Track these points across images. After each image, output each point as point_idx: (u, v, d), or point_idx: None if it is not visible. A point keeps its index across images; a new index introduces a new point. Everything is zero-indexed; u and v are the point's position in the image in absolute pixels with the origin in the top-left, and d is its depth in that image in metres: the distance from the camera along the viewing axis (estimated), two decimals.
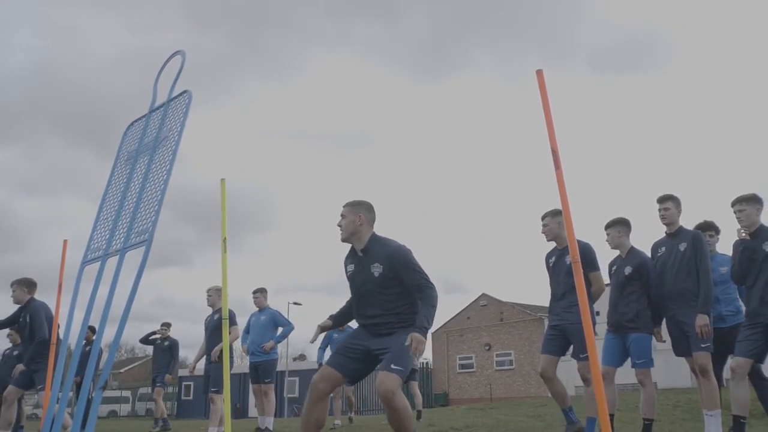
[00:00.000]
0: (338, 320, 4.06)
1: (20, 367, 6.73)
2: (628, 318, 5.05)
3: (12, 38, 74.68)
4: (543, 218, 5.25)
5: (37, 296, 6.79)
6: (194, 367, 8.16)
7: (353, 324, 4.02)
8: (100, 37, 69.57)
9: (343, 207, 3.83)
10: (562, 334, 5.03)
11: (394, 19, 68.76)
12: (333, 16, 67.99)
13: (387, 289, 3.65)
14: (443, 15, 65.95)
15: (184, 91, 2.92)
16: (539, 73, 3.40)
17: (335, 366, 3.69)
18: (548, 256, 5.35)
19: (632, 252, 5.23)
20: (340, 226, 3.80)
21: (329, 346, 9.92)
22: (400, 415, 3.40)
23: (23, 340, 6.81)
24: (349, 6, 69.43)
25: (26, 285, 6.71)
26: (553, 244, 5.32)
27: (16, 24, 73.09)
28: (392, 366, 3.44)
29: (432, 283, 3.61)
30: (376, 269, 3.65)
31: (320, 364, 10.24)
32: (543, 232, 5.27)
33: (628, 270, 5.16)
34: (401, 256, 3.65)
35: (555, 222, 5.16)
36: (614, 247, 5.31)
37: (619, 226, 5.30)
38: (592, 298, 4.94)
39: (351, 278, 3.83)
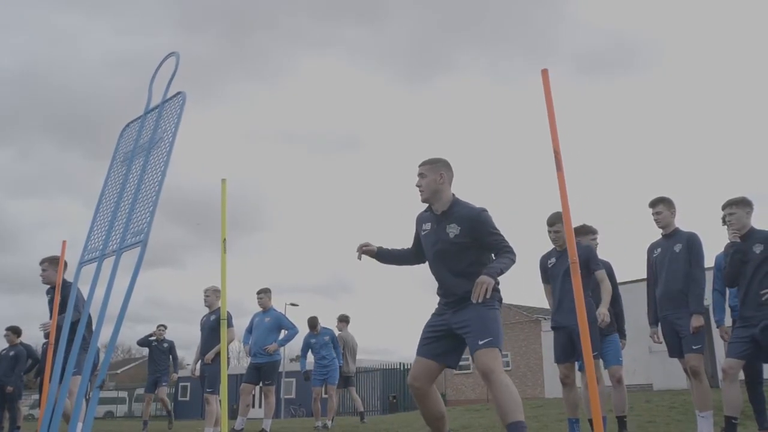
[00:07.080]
0: (384, 254, 3.79)
1: None
2: (609, 320, 5.07)
3: (1, 41, 74.56)
4: (553, 224, 5.06)
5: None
6: (195, 369, 8.00)
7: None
8: (90, 40, 69.25)
9: (421, 166, 3.63)
10: (572, 336, 4.85)
11: (382, 22, 68.74)
12: (322, 19, 67.86)
13: (460, 251, 3.49)
14: (431, 18, 65.84)
15: (178, 93, 2.93)
16: (544, 72, 3.33)
17: (424, 355, 3.49)
18: (545, 258, 5.25)
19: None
20: (420, 186, 3.61)
21: (310, 352, 9.76)
22: (502, 394, 3.15)
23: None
24: (338, 9, 69.13)
25: (57, 264, 6.18)
26: (549, 247, 5.26)
27: (5, 27, 72.90)
28: (479, 342, 3.25)
29: (512, 248, 3.47)
30: (452, 230, 3.50)
31: (304, 372, 10.14)
32: (554, 239, 5.13)
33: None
34: (483, 218, 3.49)
35: None
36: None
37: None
38: (605, 296, 4.98)
39: (424, 238, 3.65)
